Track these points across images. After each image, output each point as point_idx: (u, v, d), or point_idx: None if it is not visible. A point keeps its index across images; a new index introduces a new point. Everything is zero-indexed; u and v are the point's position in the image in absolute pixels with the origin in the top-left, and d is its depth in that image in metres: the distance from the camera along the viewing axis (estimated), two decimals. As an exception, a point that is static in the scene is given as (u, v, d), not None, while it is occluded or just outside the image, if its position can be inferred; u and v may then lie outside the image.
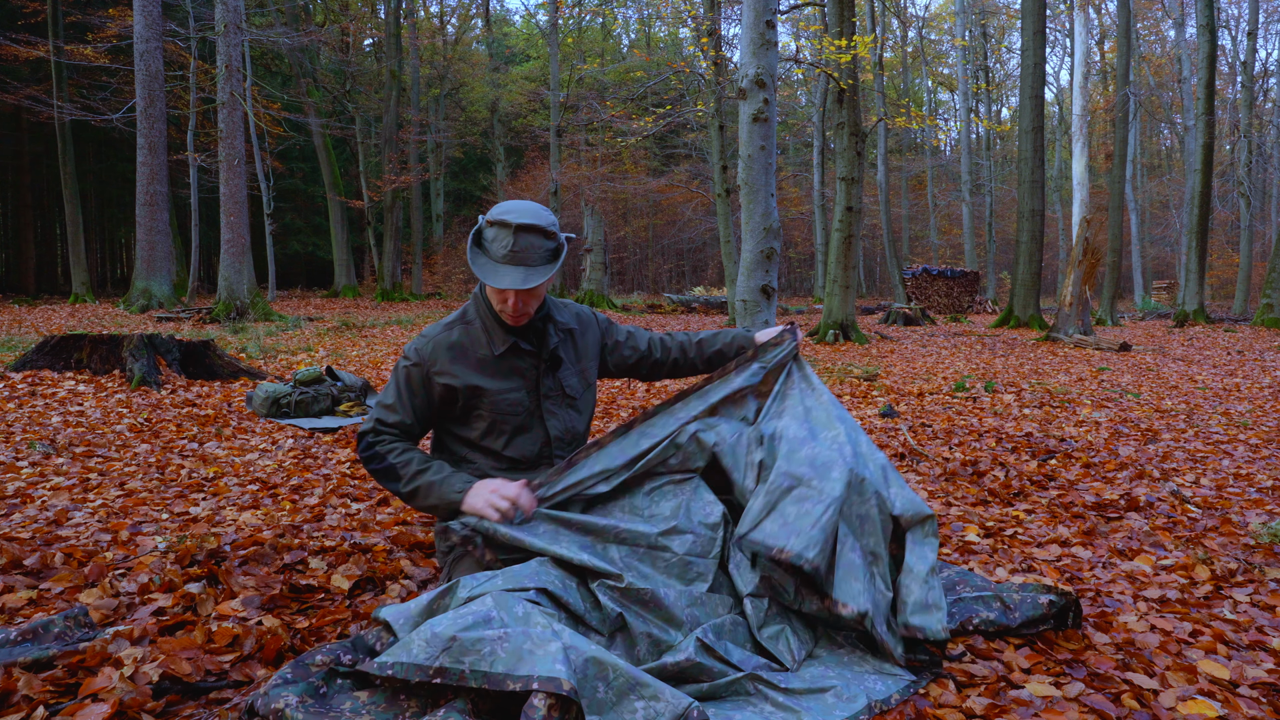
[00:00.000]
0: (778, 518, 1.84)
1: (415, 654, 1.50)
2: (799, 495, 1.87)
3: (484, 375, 2.08)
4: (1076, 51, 14.42)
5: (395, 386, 2.11)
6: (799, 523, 1.82)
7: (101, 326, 11.36)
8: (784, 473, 1.90)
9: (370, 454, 2.09)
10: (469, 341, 2.10)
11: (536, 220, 1.98)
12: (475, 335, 2.10)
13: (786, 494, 1.88)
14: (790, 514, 1.84)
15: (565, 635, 1.54)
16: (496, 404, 2.09)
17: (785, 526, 1.82)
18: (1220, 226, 31.84)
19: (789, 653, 1.84)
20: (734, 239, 15.12)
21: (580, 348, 2.24)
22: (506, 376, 2.10)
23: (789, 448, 1.98)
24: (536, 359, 2.13)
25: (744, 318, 3.21)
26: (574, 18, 30.10)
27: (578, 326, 2.25)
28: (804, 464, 1.92)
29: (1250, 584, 2.46)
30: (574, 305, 2.32)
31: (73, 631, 1.84)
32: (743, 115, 3.78)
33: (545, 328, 2.15)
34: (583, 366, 2.25)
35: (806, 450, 1.96)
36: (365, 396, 5.48)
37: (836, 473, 1.90)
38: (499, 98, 30.09)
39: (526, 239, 1.97)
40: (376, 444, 2.08)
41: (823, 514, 1.82)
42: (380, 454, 2.07)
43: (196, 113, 20.01)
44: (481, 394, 2.08)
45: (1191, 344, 12.36)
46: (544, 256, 2.00)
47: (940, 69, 39.98)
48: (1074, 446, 4.46)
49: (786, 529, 1.81)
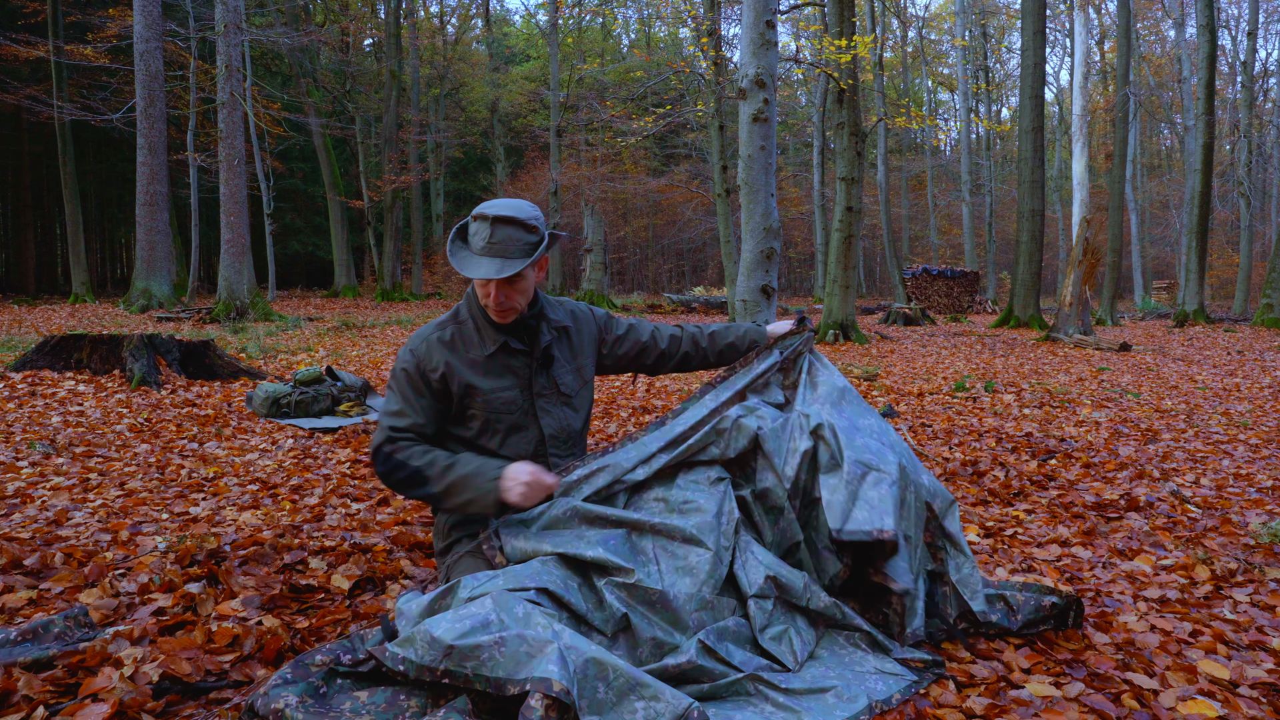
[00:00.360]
0: (864, 505, 1.94)
1: (421, 654, 1.51)
2: (874, 480, 1.98)
3: (476, 374, 2.07)
4: (1076, 51, 14.42)
5: (398, 392, 2.06)
6: (883, 504, 1.93)
7: (101, 326, 11.36)
8: (855, 461, 2.01)
9: (391, 464, 1.99)
10: (461, 340, 2.09)
11: (515, 213, 2.00)
12: (468, 334, 2.10)
13: (863, 480, 1.98)
14: (873, 498, 1.95)
15: (565, 636, 1.54)
16: (490, 402, 2.07)
17: (873, 510, 1.93)
18: (1220, 226, 31.84)
19: (791, 654, 1.83)
20: (734, 239, 15.11)
21: (575, 345, 2.24)
22: (499, 375, 2.10)
23: (846, 437, 2.05)
24: (529, 357, 2.13)
25: (744, 318, 3.21)
26: (574, 18, 30.10)
27: (572, 324, 2.25)
28: (865, 451, 2.02)
29: (1250, 584, 2.46)
30: (570, 303, 2.32)
31: (73, 631, 1.84)
32: (743, 115, 3.77)
33: (538, 325, 2.14)
34: (579, 364, 2.24)
35: (861, 439, 2.06)
36: (365, 396, 5.48)
37: (892, 456, 2.03)
38: (499, 98, 30.10)
39: (504, 231, 1.99)
40: (395, 453, 1.99)
41: (893, 491, 1.96)
42: (401, 461, 1.98)
43: (196, 113, 20.00)
44: (475, 392, 2.07)
45: (1191, 344, 12.36)
46: (522, 249, 2.00)
47: (940, 69, 39.97)
48: (1074, 446, 4.46)
49: (874, 512, 1.92)
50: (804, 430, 2.07)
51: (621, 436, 2.19)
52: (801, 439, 2.06)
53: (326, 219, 27.96)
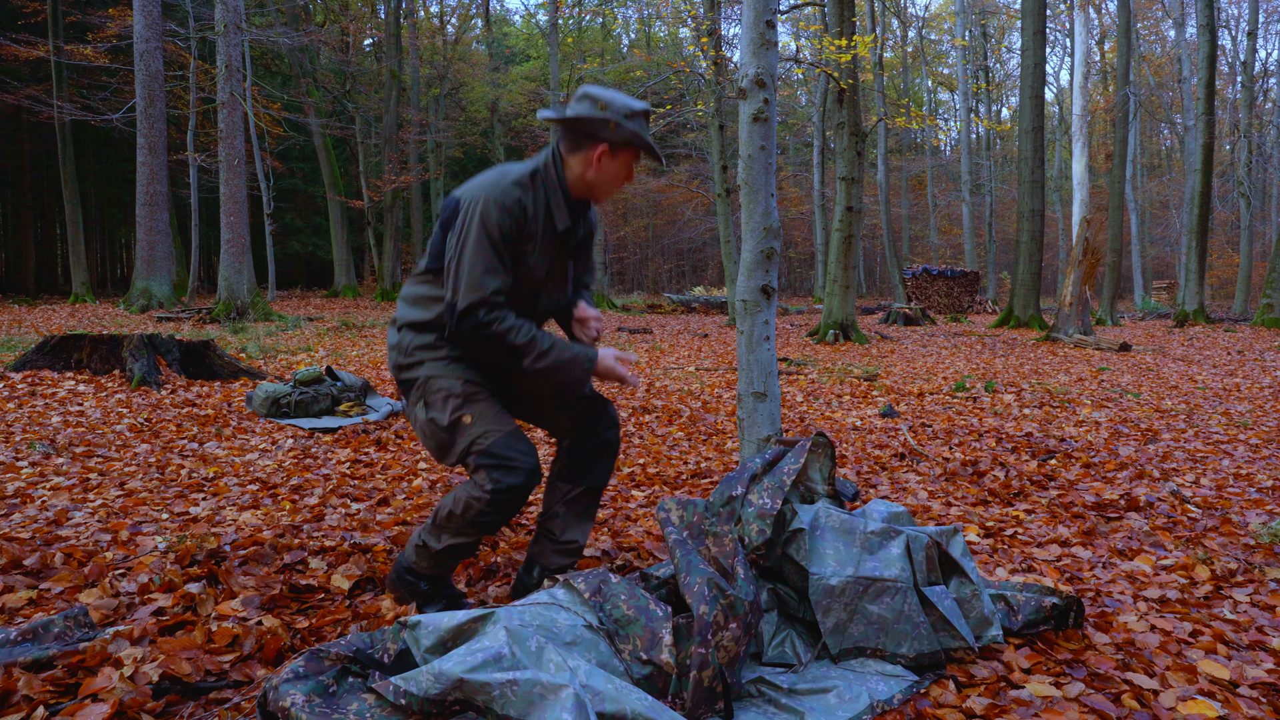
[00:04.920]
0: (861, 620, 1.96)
1: (425, 688, 1.44)
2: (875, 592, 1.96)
3: (532, 243, 2.03)
4: (1076, 51, 14.43)
5: (490, 248, 1.94)
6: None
7: (101, 326, 11.36)
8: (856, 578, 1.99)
9: (505, 327, 1.95)
10: (534, 206, 2.02)
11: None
12: (539, 202, 2.03)
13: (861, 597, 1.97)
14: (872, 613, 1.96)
15: (581, 673, 1.49)
16: (529, 271, 2.05)
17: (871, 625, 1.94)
18: (1220, 226, 31.84)
19: (795, 654, 1.86)
20: (734, 239, 15.11)
21: (588, 247, 2.27)
22: (543, 249, 2.05)
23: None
24: (570, 239, 2.12)
25: (744, 317, 3.22)
26: (574, 18, 30.10)
27: (594, 230, 2.26)
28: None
29: (1250, 584, 2.46)
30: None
31: (73, 631, 1.84)
32: (743, 115, 3.76)
33: (587, 215, 2.15)
34: (586, 262, 2.29)
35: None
36: (365, 396, 5.48)
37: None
38: (499, 98, 30.08)
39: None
40: (493, 323, 1.94)
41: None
42: (515, 325, 1.96)
43: (196, 113, 19.99)
44: (523, 260, 2.03)
45: (1191, 344, 12.36)
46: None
47: (940, 69, 39.97)
48: (1074, 446, 4.46)
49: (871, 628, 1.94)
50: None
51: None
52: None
53: (326, 219, 27.95)
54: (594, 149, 2.01)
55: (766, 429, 3.10)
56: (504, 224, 1.94)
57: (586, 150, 2.02)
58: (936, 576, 1.99)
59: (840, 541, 1.95)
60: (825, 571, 1.90)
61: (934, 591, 1.92)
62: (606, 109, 1.98)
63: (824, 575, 1.89)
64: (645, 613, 1.70)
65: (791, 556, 1.96)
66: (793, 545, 1.96)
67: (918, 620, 1.87)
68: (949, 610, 1.89)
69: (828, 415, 5.54)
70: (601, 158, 2.02)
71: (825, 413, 5.65)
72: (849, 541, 1.95)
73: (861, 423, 5.24)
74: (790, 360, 8.88)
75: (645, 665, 1.65)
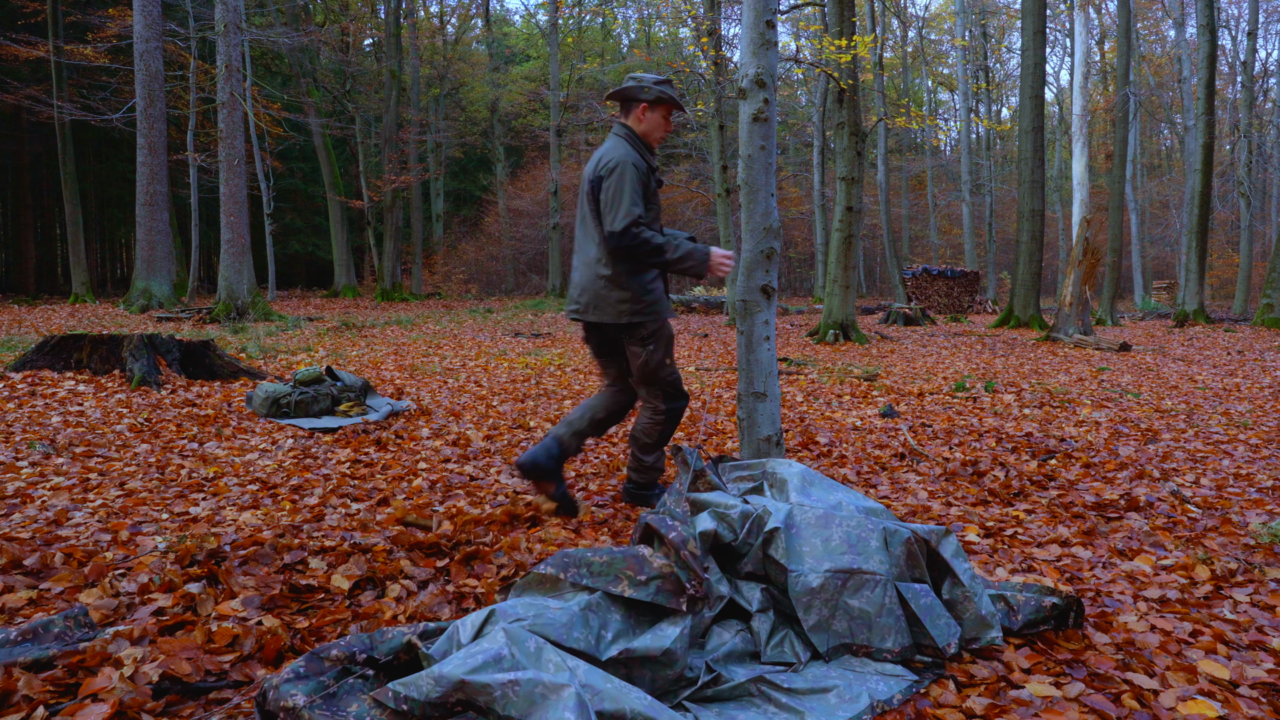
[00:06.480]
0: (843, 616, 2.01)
1: (426, 692, 1.44)
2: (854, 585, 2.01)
3: (652, 183, 3.00)
4: (1076, 51, 14.42)
5: (633, 189, 2.84)
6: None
7: (101, 326, 11.36)
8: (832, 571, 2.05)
9: (639, 240, 2.83)
10: (645, 164, 2.97)
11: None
12: (646, 159, 3.00)
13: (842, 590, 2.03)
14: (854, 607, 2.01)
15: (580, 673, 1.49)
16: (657, 202, 3.02)
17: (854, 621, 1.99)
18: (1220, 226, 31.84)
19: (794, 654, 1.86)
20: (734, 239, 15.10)
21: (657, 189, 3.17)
22: (651, 191, 2.98)
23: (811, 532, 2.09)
24: (656, 173, 3.03)
25: (744, 317, 3.22)
26: (574, 18, 30.10)
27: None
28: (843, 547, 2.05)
29: (1250, 584, 2.46)
30: None
31: (73, 631, 1.84)
32: (743, 115, 3.75)
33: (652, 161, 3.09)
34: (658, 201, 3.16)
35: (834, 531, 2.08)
36: (365, 396, 5.47)
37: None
38: (499, 98, 30.10)
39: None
40: (641, 233, 2.84)
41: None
42: (647, 239, 2.85)
43: (196, 113, 20.00)
44: (652, 197, 2.99)
45: (1191, 344, 12.36)
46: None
47: (940, 69, 39.97)
48: (1074, 446, 4.46)
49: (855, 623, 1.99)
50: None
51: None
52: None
53: (326, 219, 27.96)
54: (639, 107, 3.01)
55: (766, 429, 3.10)
56: (641, 171, 2.91)
57: (635, 111, 3.02)
58: (920, 573, 2.00)
59: (817, 537, 1.98)
60: (804, 569, 1.92)
61: (911, 589, 1.92)
62: (640, 81, 3.01)
63: (803, 573, 1.92)
64: (615, 553, 1.84)
65: (773, 557, 1.97)
66: (772, 546, 1.99)
67: (899, 614, 1.89)
68: (923, 610, 1.89)
69: (828, 415, 5.54)
70: (645, 111, 3.02)
71: (825, 413, 5.65)
72: (825, 536, 1.98)
73: (861, 423, 5.24)
74: (790, 360, 8.88)
75: (648, 583, 1.76)
